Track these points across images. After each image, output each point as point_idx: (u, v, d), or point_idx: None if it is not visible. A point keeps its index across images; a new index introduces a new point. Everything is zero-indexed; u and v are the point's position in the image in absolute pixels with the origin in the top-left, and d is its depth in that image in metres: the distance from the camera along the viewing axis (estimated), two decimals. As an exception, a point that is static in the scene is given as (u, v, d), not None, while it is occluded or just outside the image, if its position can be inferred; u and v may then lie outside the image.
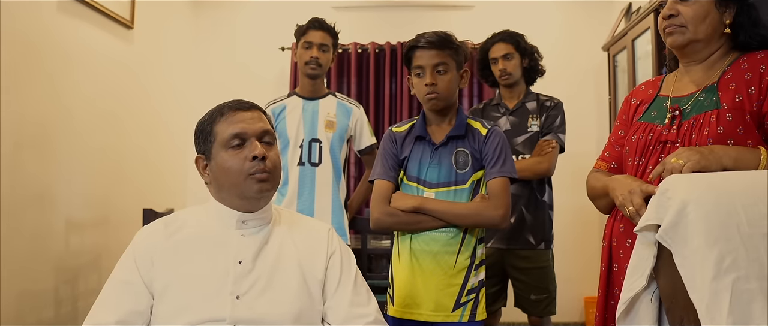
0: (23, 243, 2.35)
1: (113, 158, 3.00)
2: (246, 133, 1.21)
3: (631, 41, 3.02)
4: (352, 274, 1.30)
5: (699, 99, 1.29)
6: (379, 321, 1.27)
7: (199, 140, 1.27)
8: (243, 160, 1.20)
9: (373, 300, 1.31)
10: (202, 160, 1.27)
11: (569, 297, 3.45)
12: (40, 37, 2.47)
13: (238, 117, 1.23)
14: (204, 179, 1.28)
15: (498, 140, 1.64)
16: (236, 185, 1.21)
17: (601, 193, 1.38)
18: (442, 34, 1.64)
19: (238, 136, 1.21)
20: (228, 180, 1.22)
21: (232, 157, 1.20)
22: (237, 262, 1.21)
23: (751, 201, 1.00)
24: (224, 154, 1.21)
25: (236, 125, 1.22)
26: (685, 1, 1.28)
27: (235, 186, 1.21)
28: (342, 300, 1.26)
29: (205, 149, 1.26)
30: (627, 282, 1.18)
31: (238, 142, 1.21)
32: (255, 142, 1.21)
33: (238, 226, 1.25)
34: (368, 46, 3.77)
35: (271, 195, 1.27)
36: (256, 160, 1.19)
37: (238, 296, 1.18)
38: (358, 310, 1.25)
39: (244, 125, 1.22)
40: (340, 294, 1.26)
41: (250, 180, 1.20)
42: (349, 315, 1.24)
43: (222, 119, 1.23)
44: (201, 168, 1.28)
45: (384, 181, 1.66)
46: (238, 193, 1.22)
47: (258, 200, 1.24)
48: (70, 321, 2.61)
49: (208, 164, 1.25)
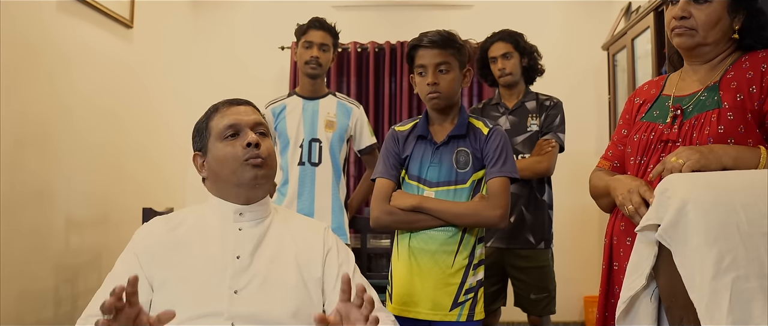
0: (23, 241, 2.35)
1: (113, 157, 3.00)
2: (239, 123, 1.26)
3: (631, 40, 3.02)
4: (351, 269, 1.32)
5: (700, 98, 1.29)
6: (380, 309, 1.27)
7: (196, 138, 1.32)
8: (237, 148, 1.24)
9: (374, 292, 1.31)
10: (200, 156, 1.30)
11: (569, 297, 3.45)
12: (40, 36, 2.47)
13: (232, 110, 1.28)
14: (201, 175, 1.32)
15: (499, 140, 1.65)
16: (232, 173, 1.24)
17: (603, 193, 1.39)
18: (445, 33, 1.63)
19: (232, 126, 1.25)
20: (224, 169, 1.25)
21: (227, 146, 1.24)
22: (235, 257, 1.22)
23: (750, 200, 1.00)
24: (220, 145, 1.25)
25: (230, 117, 1.26)
26: (699, 4, 1.27)
27: (232, 174, 1.24)
28: None
29: (201, 145, 1.30)
30: (627, 282, 1.18)
31: (232, 132, 1.25)
32: (248, 131, 1.26)
33: (236, 219, 1.26)
34: (368, 46, 3.77)
35: (267, 185, 1.29)
36: (250, 147, 1.23)
37: (235, 291, 1.19)
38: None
39: (238, 116, 1.27)
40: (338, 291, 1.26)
41: (245, 166, 1.23)
42: None
43: (216, 114, 1.29)
44: (198, 165, 1.31)
45: (385, 180, 1.67)
46: (234, 181, 1.24)
47: (254, 187, 1.25)
48: (70, 320, 2.61)
49: (205, 159, 1.29)
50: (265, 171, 1.25)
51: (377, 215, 1.64)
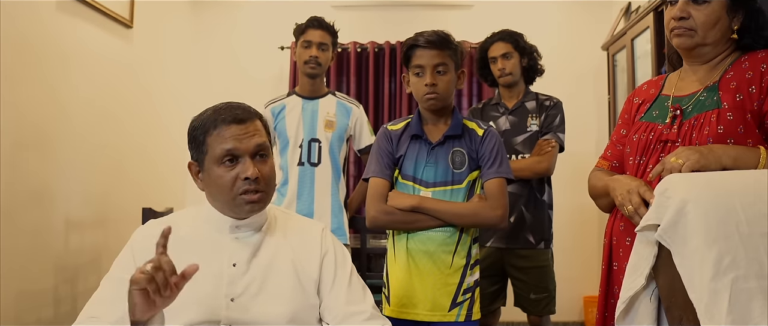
0: (23, 242, 2.35)
1: (112, 157, 3.00)
2: (238, 149, 1.19)
3: (631, 41, 3.02)
4: (347, 272, 1.30)
5: (700, 98, 1.29)
6: (376, 316, 1.27)
7: (192, 146, 1.25)
8: (234, 178, 1.19)
9: (369, 296, 1.31)
10: (195, 166, 1.26)
11: (569, 297, 3.45)
12: (40, 36, 2.47)
13: (231, 132, 1.19)
14: (197, 185, 1.28)
15: (494, 141, 1.65)
16: (227, 202, 1.21)
17: (602, 193, 1.38)
18: (441, 33, 1.63)
19: (230, 152, 1.19)
20: (219, 195, 1.22)
21: (225, 173, 1.19)
22: (231, 265, 1.21)
23: (750, 200, 1.00)
24: (217, 170, 1.20)
25: (230, 141, 1.18)
26: (698, 5, 1.27)
27: (226, 203, 1.22)
28: (337, 299, 1.26)
29: (198, 158, 1.24)
30: (626, 282, 1.18)
31: (230, 158, 1.19)
32: (248, 161, 1.19)
33: (232, 231, 1.25)
34: (367, 46, 3.77)
35: (265, 206, 1.26)
36: (248, 181, 1.18)
37: (232, 298, 1.18)
38: (353, 307, 1.25)
39: (238, 142, 1.19)
40: (335, 293, 1.26)
41: (240, 200, 1.20)
42: (345, 314, 1.24)
43: (215, 132, 1.20)
44: (194, 173, 1.27)
45: (380, 179, 1.65)
46: (229, 207, 1.23)
47: (249, 213, 1.23)
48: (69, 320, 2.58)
49: (201, 171, 1.25)
50: (260, 199, 1.22)
51: (374, 215, 1.63)
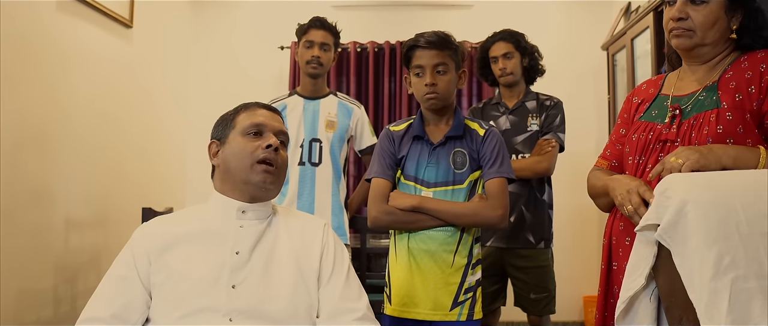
0: (22, 241, 2.35)
1: (112, 157, 3.00)
2: (265, 125, 1.29)
3: (631, 40, 3.02)
4: (345, 269, 1.31)
5: (699, 98, 1.29)
6: (369, 318, 1.26)
7: (219, 127, 1.34)
8: (256, 146, 1.26)
9: (365, 297, 1.30)
10: (216, 144, 1.32)
11: (569, 297, 3.46)
12: (40, 35, 2.47)
13: (262, 112, 1.32)
14: (213, 162, 1.33)
15: (495, 141, 1.65)
16: (243, 169, 1.25)
17: (602, 192, 1.38)
18: (441, 34, 1.63)
19: (257, 125, 1.29)
20: (236, 163, 1.26)
21: (247, 142, 1.27)
22: (234, 253, 1.23)
23: (750, 200, 1.00)
24: (240, 139, 1.28)
25: (259, 117, 1.30)
26: (696, 5, 1.27)
27: (242, 170, 1.25)
28: (332, 293, 1.26)
29: (221, 135, 1.32)
30: (626, 281, 1.18)
31: (255, 131, 1.28)
32: (272, 135, 1.29)
33: (238, 216, 1.27)
34: (368, 46, 3.77)
35: (274, 191, 1.29)
36: (269, 149, 1.25)
37: (233, 285, 1.19)
38: (348, 304, 1.25)
39: (265, 120, 1.30)
40: (330, 287, 1.27)
41: (257, 167, 1.25)
42: (338, 309, 1.24)
43: (245, 111, 1.33)
44: (212, 153, 1.33)
45: (382, 180, 1.66)
46: (243, 178, 1.25)
47: (260, 189, 1.26)
48: (69, 320, 2.61)
49: (220, 149, 1.30)
50: (273, 178, 1.26)
51: (375, 215, 1.64)
